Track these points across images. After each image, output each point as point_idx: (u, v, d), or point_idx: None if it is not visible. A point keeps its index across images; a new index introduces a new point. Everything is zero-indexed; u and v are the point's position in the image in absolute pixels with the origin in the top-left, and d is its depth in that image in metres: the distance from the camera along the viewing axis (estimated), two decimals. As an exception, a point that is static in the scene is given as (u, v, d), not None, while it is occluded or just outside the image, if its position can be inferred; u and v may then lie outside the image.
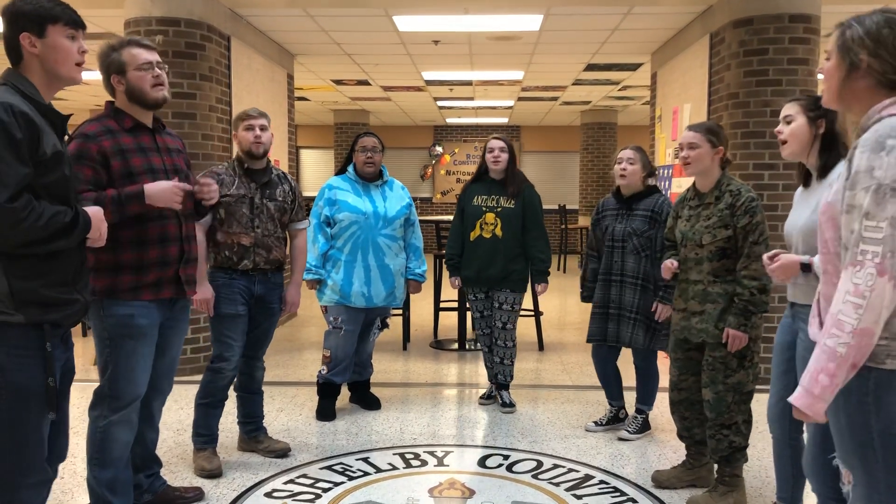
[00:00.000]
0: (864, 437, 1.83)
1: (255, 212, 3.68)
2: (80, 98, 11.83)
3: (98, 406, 2.88)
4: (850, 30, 1.88)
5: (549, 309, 8.49)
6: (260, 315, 3.78)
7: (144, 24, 5.49)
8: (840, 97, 1.93)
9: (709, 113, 5.94)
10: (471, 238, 4.63)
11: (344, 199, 4.44)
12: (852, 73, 1.87)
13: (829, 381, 1.77)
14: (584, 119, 14.20)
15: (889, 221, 1.71)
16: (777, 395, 2.88)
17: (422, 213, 15.98)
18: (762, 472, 3.73)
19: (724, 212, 3.22)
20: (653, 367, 4.20)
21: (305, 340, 7.00)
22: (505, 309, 4.65)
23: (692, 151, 3.31)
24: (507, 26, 6.98)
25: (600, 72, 9.52)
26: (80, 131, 2.78)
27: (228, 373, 3.69)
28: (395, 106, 13.19)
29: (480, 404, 4.89)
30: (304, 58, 8.44)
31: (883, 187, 1.72)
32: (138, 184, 2.78)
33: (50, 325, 2.20)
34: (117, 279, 2.80)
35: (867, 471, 1.86)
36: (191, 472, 3.67)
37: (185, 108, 5.56)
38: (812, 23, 5.38)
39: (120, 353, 2.82)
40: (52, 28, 2.21)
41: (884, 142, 1.75)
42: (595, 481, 3.65)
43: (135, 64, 2.81)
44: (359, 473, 3.71)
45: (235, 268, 3.64)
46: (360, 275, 4.40)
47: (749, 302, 3.14)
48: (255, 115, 3.72)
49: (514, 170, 4.64)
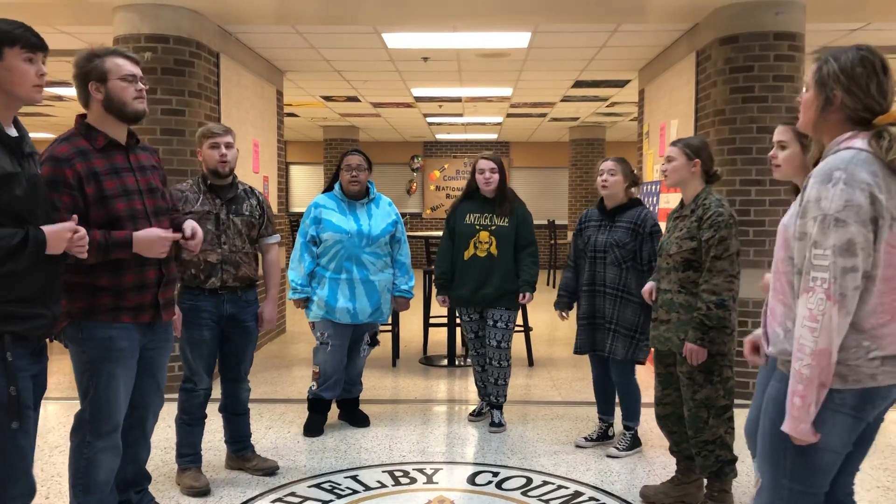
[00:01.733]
0: (780, 445, 1.98)
1: (222, 228, 3.62)
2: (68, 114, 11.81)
3: (79, 431, 2.82)
4: (826, 65, 1.98)
5: (539, 324, 8.49)
6: (235, 335, 3.70)
7: (133, 41, 5.49)
8: (815, 128, 2.03)
9: (696, 129, 5.99)
10: (464, 257, 4.58)
11: (329, 217, 4.43)
12: (827, 106, 1.97)
13: (801, 402, 1.89)
14: (573, 135, 14.27)
15: (832, 249, 1.84)
16: (755, 411, 2.89)
17: (411, 228, 15.98)
18: (751, 489, 3.72)
19: (693, 224, 3.28)
20: (632, 383, 4.20)
21: (294, 357, 6.97)
22: (500, 327, 4.60)
23: (669, 164, 3.40)
24: (496, 43, 7.02)
25: (588, 88, 9.58)
26: (50, 154, 2.67)
27: (200, 392, 3.66)
28: (385, 122, 13.23)
29: (470, 421, 4.86)
30: (294, 74, 8.46)
31: (828, 218, 1.85)
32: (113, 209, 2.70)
33: (11, 335, 2.18)
34: (96, 301, 2.73)
35: (774, 477, 2.03)
36: (178, 492, 3.64)
37: (173, 124, 5.56)
38: (797, 40, 5.43)
39: (100, 378, 2.75)
40: (8, 51, 2.20)
41: (831, 174, 1.87)
42: (585, 498, 3.64)
43: (118, 74, 2.71)
44: (347, 492, 3.69)
45: (203, 286, 3.57)
46: (344, 291, 4.39)
47: (705, 316, 3.18)
48: (220, 132, 3.63)
49: (506, 188, 4.64)
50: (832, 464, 2.01)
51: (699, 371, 3.25)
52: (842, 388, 1.91)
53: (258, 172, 7.15)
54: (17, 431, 2.21)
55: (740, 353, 3.75)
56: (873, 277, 1.88)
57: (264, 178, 7.34)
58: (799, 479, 1.99)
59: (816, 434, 1.91)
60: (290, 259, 4.56)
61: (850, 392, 1.92)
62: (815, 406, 1.88)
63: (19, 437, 2.23)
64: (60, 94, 9.95)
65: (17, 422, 2.21)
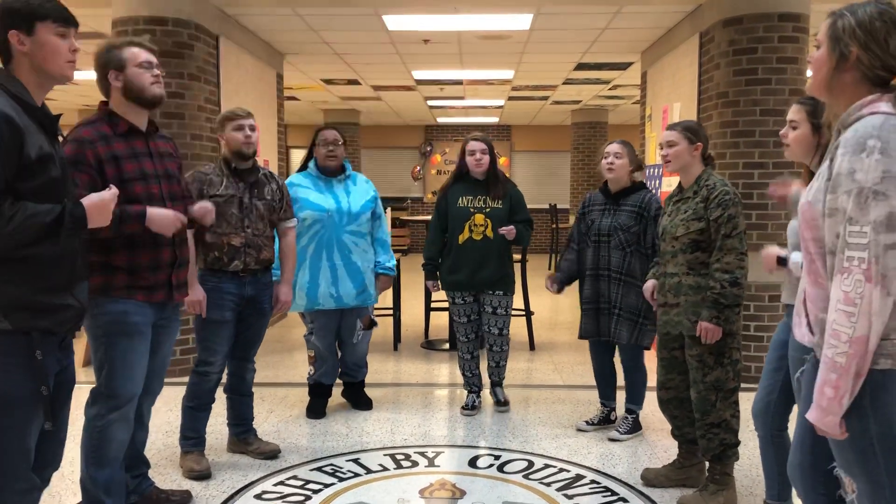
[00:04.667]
0: (864, 444, 1.77)
1: (245, 212, 3.65)
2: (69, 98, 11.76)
3: (95, 405, 2.86)
4: (842, 20, 1.82)
5: (541, 309, 8.48)
6: (251, 316, 3.75)
7: (132, 24, 5.45)
8: (828, 88, 1.87)
9: (698, 112, 5.95)
10: (459, 241, 4.49)
11: (305, 196, 4.30)
12: (841, 64, 1.82)
13: (833, 392, 1.73)
14: (575, 118, 14.20)
15: (872, 226, 1.68)
16: (763, 391, 2.90)
17: (413, 212, 15.97)
18: (753, 471, 3.73)
19: (699, 205, 3.26)
20: (640, 366, 4.20)
21: (296, 341, 6.97)
22: (500, 314, 4.57)
23: (671, 149, 3.35)
24: (497, 25, 6.98)
25: (590, 71, 9.52)
26: (74, 135, 2.75)
27: (214, 376, 3.68)
28: (386, 105, 13.17)
29: (464, 415, 4.68)
30: (294, 57, 8.41)
31: (865, 191, 1.69)
32: (131, 192, 2.75)
33: (40, 332, 2.15)
34: (111, 278, 2.79)
35: (870, 478, 1.80)
36: (179, 475, 3.65)
37: (173, 108, 5.52)
38: (801, 21, 5.39)
39: (115, 351, 2.80)
40: (41, 25, 2.18)
41: (864, 143, 1.71)
42: (586, 481, 3.64)
43: (135, 61, 2.82)
44: (349, 475, 3.69)
45: (225, 269, 3.61)
46: (326, 275, 4.29)
47: (720, 295, 3.16)
48: (244, 114, 3.69)
49: (497, 170, 4.58)
50: None
51: (709, 353, 3.23)
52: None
53: (258, 156, 7.10)
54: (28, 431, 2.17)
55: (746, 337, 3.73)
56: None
57: (265, 162, 7.30)
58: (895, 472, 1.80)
59: (844, 430, 1.76)
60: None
61: None
62: (850, 397, 1.72)
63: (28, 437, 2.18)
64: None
65: (51, 422, 2.19)
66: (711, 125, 5.58)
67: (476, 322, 4.65)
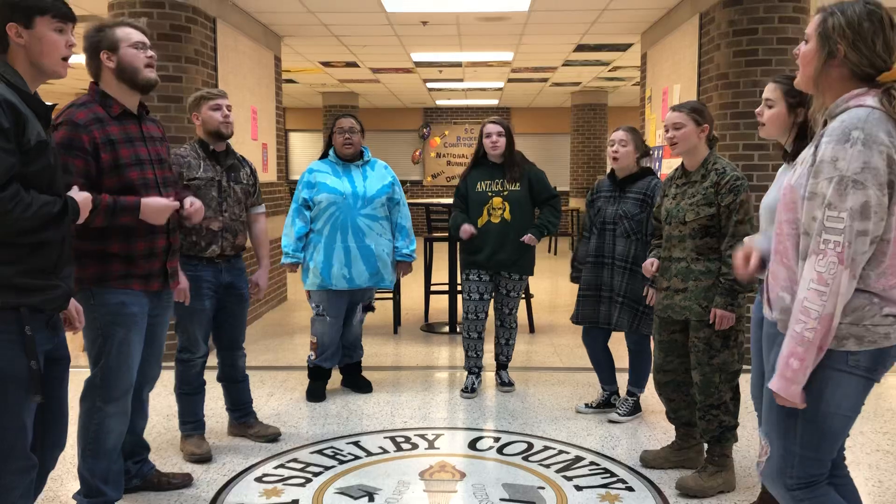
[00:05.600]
0: (791, 411, 1.94)
1: (223, 195, 3.61)
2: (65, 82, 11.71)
3: (89, 397, 2.85)
4: (832, 18, 1.91)
5: (540, 291, 8.48)
6: (231, 303, 3.72)
7: (129, 7, 5.40)
8: (815, 84, 1.96)
9: (699, 93, 5.92)
10: (478, 224, 4.53)
11: (323, 180, 4.41)
12: (829, 61, 1.91)
13: (799, 364, 1.87)
14: (575, 100, 14.15)
15: (849, 213, 1.79)
16: (756, 371, 2.90)
17: (412, 195, 15.93)
18: (751, 452, 3.75)
19: (709, 190, 3.23)
20: (646, 350, 4.20)
21: (296, 325, 6.98)
22: (513, 296, 4.65)
23: (678, 131, 3.31)
24: (496, 6, 6.92)
25: (590, 52, 9.47)
26: (67, 118, 2.70)
27: (198, 360, 3.66)
28: (385, 88, 13.11)
29: (464, 398, 4.69)
30: (292, 39, 8.35)
31: (845, 179, 1.79)
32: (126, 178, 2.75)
33: (28, 308, 2.17)
34: (107, 267, 2.78)
35: (785, 444, 1.99)
36: (180, 458, 3.66)
37: (170, 91, 5.49)
38: (801, 2, 5.34)
39: (112, 343, 2.80)
40: (40, 20, 2.17)
41: (849, 133, 1.81)
42: (586, 462, 3.66)
43: (129, 41, 2.76)
44: (349, 457, 3.71)
45: (202, 255, 3.55)
46: (339, 256, 4.36)
47: (735, 281, 3.14)
48: (219, 94, 3.62)
49: (514, 152, 4.60)
50: (843, 428, 1.99)
51: (717, 336, 3.23)
52: (857, 349, 1.89)
53: (256, 140, 7.09)
54: (24, 407, 2.19)
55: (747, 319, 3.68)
56: (887, 240, 1.85)
57: (263, 146, 7.28)
58: (809, 445, 1.97)
59: (804, 399, 1.90)
60: (284, 225, 4.54)
61: (865, 353, 1.89)
62: (811, 368, 1.87)
63: (24, 413, 2.20)
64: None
65: (39, 396, 2.20)
66: (712, 107, 5.54)
67: (487, 302, 4.65)
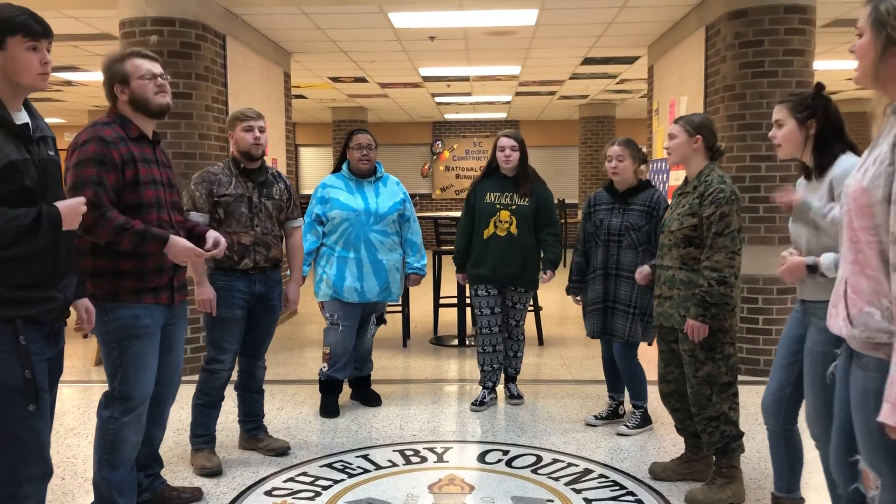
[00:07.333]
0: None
1: (254, 210, 3.70)
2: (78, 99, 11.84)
3: (109, 408, 2.90)
4: (884, 3, 1.75)
5: (549, 304, 8.48)
6: (262, 313, 3.79)
7: (139, 25, 5.48)
8: (875, 76, 1.78)
9: (705, 105, 5.93)
10: (484, 236, 4.55)
11: (336, 196, 4.45)
12: (889, 48, 1.74)
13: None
14: (583, 113, 14.19)
15: None
16: (775, 386, 2.89)
17: (421, 209, 15.97)
18: (761, 464, 3.74)
19: (695, 200, 3.27)
20: (635, 364, 4.19)
21: (306, 338, 7.01)
22: (519, 308, 4.67)
23: (671, 142, 3.38)
24: (503, 21, 6.97)
25: (597, 65, 9.51)
26: (95, 134, 2.77)
27: (224, 373, 3.70)
28: (393, 103, 13.18)
29: (473, 411, 4.69)
30: (301, 56, 8.43)
31: None
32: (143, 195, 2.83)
33: (23, 319, 2.20)
34: (119, 283, 2.84)
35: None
36: (190, 472, 3.68)
37: (181, 107, 5.55)
38: (807, 13, 5.36)
39: (128, 355, 2.85)
40: (11, 40, 2.19)
41: None
42: (595, 475, 3.65)
43: (138, 74, 2.86)
44: (359, 471, 3.72)
45: (235, 268, 3.65)
46: (352, 270, 4.41)
47: (707, 293, 3.16)
48: (254, 116, 3.73)
49: (526, 167, 4.62)
50: None
51: (700, 348, 3.25)
52: None
53: (267, 155, 7.14)
54: (32, 413, 2.24)
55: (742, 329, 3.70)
56: None
57: (273, 161, 7.34)
58: None
59: None
60: None
61: None
62: None
63: (34, 419, 2.26)
64: (70, 79, 9.97)
65: (34, 404, 2.24)
66: (718, 118, 5.56)
67: (499, 315, 4.66)
